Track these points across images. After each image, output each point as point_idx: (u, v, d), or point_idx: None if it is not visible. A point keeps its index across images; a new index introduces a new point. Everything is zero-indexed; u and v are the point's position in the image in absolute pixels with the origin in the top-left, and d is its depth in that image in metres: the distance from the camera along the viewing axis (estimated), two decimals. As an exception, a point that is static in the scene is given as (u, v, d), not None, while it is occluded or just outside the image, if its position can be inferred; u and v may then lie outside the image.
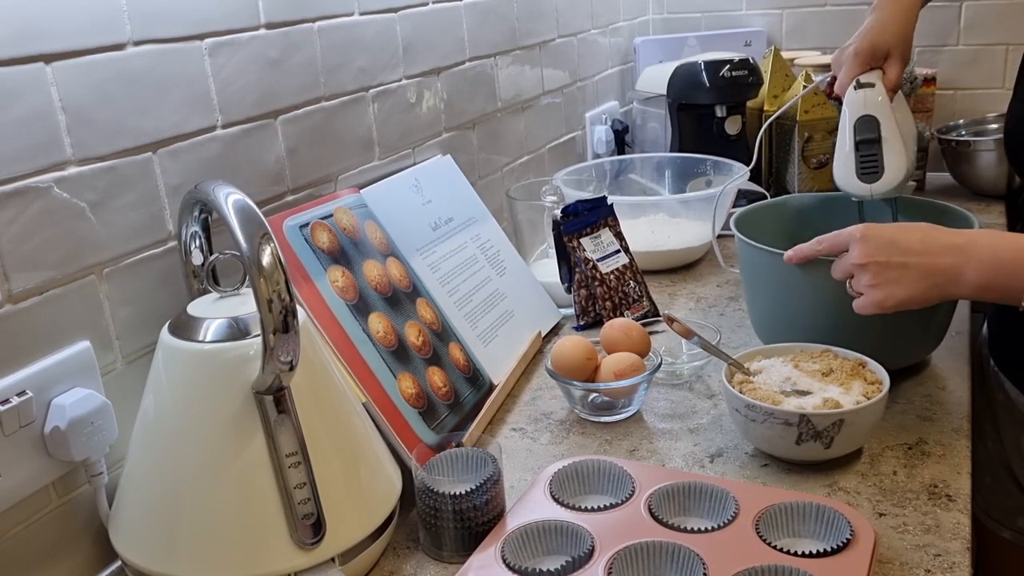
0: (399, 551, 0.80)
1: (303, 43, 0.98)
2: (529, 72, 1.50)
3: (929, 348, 1.03)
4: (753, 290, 1.06)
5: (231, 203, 0.66)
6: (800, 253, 0.93)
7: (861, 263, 0.85)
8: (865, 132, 1.03)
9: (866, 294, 0.86)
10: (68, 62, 0.71)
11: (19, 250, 0.69)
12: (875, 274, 0.84)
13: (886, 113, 1.02)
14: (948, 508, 0.79)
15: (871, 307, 0.86)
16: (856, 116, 1.03)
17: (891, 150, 1.02)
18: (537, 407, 1.03)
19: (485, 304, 1.12)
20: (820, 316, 0.96)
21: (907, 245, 0.84)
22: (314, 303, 0.87)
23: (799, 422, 0.82)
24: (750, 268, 1.05)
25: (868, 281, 0.85)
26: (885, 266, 0.84)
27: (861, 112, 1.03)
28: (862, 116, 1.03)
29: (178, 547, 0.69)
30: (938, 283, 0.83)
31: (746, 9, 1.97)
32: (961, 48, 1.78)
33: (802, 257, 0.93)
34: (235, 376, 0.68)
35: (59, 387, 0.71)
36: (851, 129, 1.04)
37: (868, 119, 1.02)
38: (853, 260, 0.86)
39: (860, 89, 1.03)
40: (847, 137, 1.05)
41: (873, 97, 1.03)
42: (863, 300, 0.86)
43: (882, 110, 1.03)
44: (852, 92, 1.04)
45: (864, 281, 0.86)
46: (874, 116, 1.02)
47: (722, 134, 1.63)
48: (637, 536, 0.73)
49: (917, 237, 0.85)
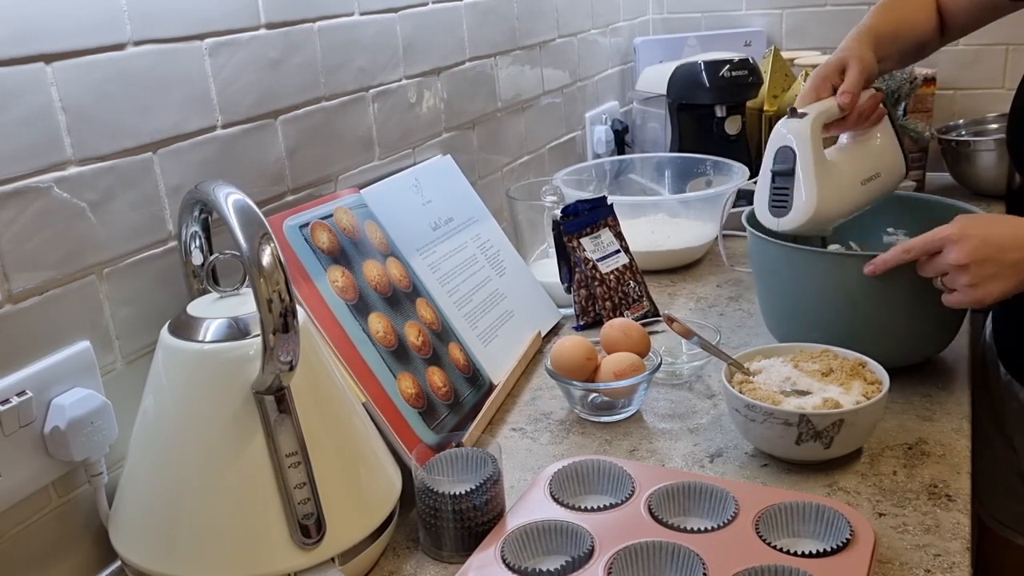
0: (399, 551, 0.80)
1: (303, 43, 0.98)
2: (529, 72, 1.50)
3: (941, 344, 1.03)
4: (765, 286, 1.06)
5: (231, 203, 0.66)
6: (886, 264, 0.90)
7: (961, 264, 0.85)
8: (780, 164, 0.98)
9: (963, 292, 0.86)
10: (68, 62, 0.71)
11: (19, 250, 0.69)
12: (974, 274, 0.85)
13: (806, 147, 0.97)
14: (948, 508, 0.79)
15: (969, 304, 0.87)
16: (776, 146, 0.99)
17: (802, 187, 0.97)
18: (537, 407, 1.03)
19: (485, 304, 1.12)
20: (834, 310, 0.97)
21: (1001, 241, 0.84)
22: (314, 303, 0.87)
23: (799, 422, 0.82)
24: (762, 264, 1.05)
25: (967, 281, 0.85)
26: (983, 264, 0.84)
27: (781, 143, 0.99)
28: (781, 147, 0.98)
29: (178, 547, 0.69)
30: None
31: (746, 9, 1.97)
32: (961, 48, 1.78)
33: (888, 268, 0.90)
34: (235, 376, 0.68)
35: (59, 387, 0.71)
36: (770, 159, 1.00)
37: (786, 150, 0.98)
38: (951, 262, 0.85)
39: (791, 118, 0.98)
40: (767, 166, 1.01)
41: (798, 128, 0.98)
42: (959, 297, 0.87)
43: (802, 143, 0.97)
44: (783, 120, 1.00)
45: (962, 281, 0.86)
46: (792, 148, 0.98)
47: (722, 134, 1.63)
48: (637, 536, 0.73)
49: (1010, 233, 0.85)
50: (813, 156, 0.97)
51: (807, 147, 0.97)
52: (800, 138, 0.98)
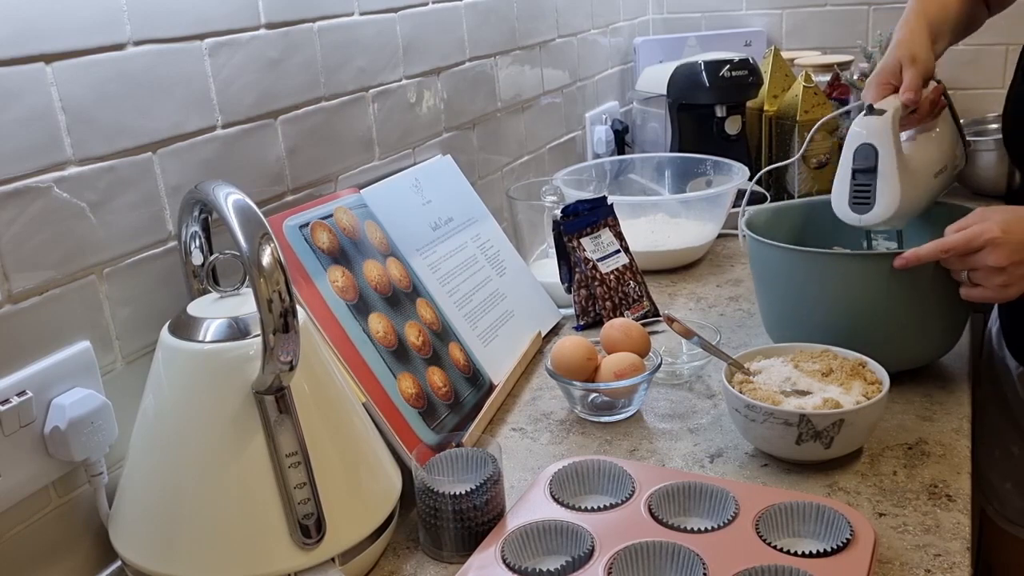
0: (399, 551, 0.80)
1: (303, 43, 0.98)
2: (529, 72, 1.50)
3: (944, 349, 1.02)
4: (765, 291, 1.06)
5: (231, 203, 0.66)
6: (920, 259, 0.89)
7: (1000, 267, 0.84)
8: (862, 161, 0.99)
9: (993, 291, 0.86)
10: (68, 62, 0.71)
11: (19, 250, 0.69)
12: (1010, 275, 0.85)
13: (887, 143, 0.97)
14: (948, 508, 0.79)
15: (994, 301, 0.87)
16: (856, 143, 0.99)
17: (886, 183, 0.98)
18: (537, 407, 1.03)
19: (485, 304, 1.12)
20: (835, 315, 0.97)
21: None
22: (314, 303, 0.87)
23: (799, 422, 0.82)
24: (762, 268, 1.04)
25: (1002, 282, 0.85)
26: (1019, 265, 0.84)
27: (862, 140, 0.99)
28: (862, 144, 0.99)
29: (178, 547, 0.69)
30: None
31: (746, 9, 1.97)
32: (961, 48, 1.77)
33: (920, 263, 0.89)
34: (235, 376, 0.68)
35: (59, 387, 0.71)
36: (851, 156, 1.00)
37: (867, 148, 0.98)
38: (991, 263, 0.85)
39: (868, 115, 0.99)
40: (847, 163, 1.01)
41: (877, 125, 0.98)
42: (986, 294, 0.87)
43: (883, 139, 0.97)
44: (860, 118, 1.00)
45: (997, 281, 0.86)
46: (873, 145, 0.98)
47: (722, 134, 1.63)
48: (637, 536, 0.73)
49: None
50: (895, 153, 0.98)
51: (889, 144, 0.97)
52: (882, 135, 0.98)
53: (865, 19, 1.86)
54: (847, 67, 1.72)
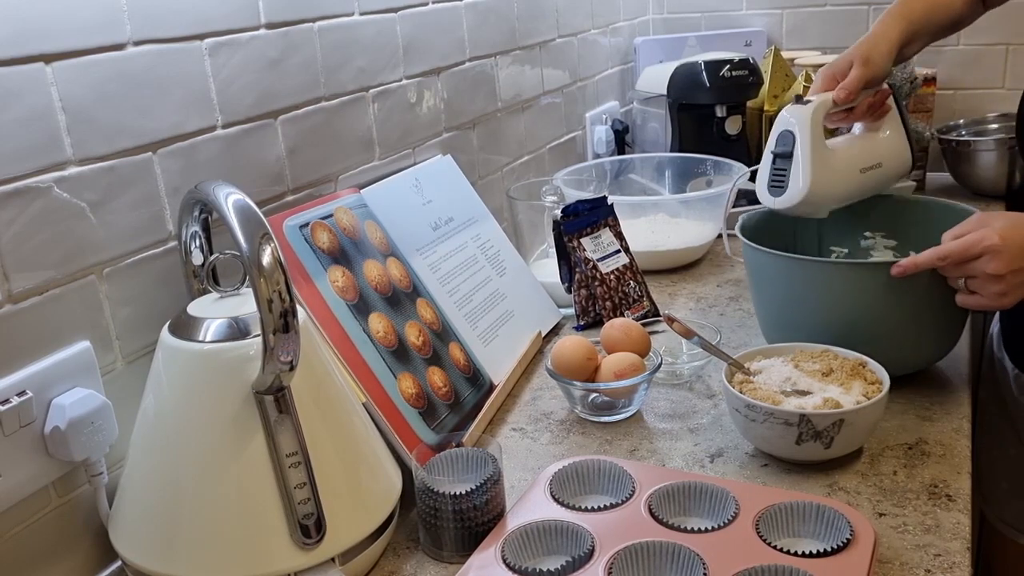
0: (399, 551, 0.80)
1: (303, 43, 0.98)
2: (529, 72, 1.50)
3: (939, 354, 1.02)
4: (760, 295, 1.06)
5: (231, 203, 0.66)
6: (917, 267, 0.88)
7: (998, 275, 0.83)
8: (780, 146, 1.03)
9: (989, 299, 0.85)
10: (68, 62, 0.71)
11: (19, 250, 0.69)
12: (1008, 283, 0.84)
13: (806, 132, 1.01)
14: (948, 508, 0.79)
15: (991, 308, 0.87)
16: (779, 130, 1.03)
17: (799, 169, 1.01)
18: (537, 407, 1.03)
19: (485, 304, 1.12)
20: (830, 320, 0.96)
21: None
22: (314, 303, 0.87)
23: (799, 422, 0.82)
24: (757, 272, 1.04)
25: (1000, 290, 0.84)
26: (1017, 273, 0.83)
27: (783, 127, 1.03)
28: (783, 131, 1.03)
29: (178, 547, 0.69)
30: None
31: (746, 9, 1.97)
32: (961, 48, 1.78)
33: (918, 271, 0.88)
34: (235, 376, 0.68)
35: (59, 387, 0.71)
36: (773, 141, 1.04)
37: (786, 134, 1.02)
38: (989, 271, 0.84)
39: (795, 105, 1.03)
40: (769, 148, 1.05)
41: (800, 114, 1.02)
42: (982, 302, 0.86)
43: (802, 128, 1.01)
44: (789, 106, 1.04)
45: (995, 289, 0.84)
46: (792, 132, 1.02)
47: (722, 134, 1.63)
48: (637, 536, 0.73)
49: None
50: (811, 140, 1.01)
51: (807, 131, 1.01)
52: (802, 124, 1.02)
53: (865, 19, 1.86)
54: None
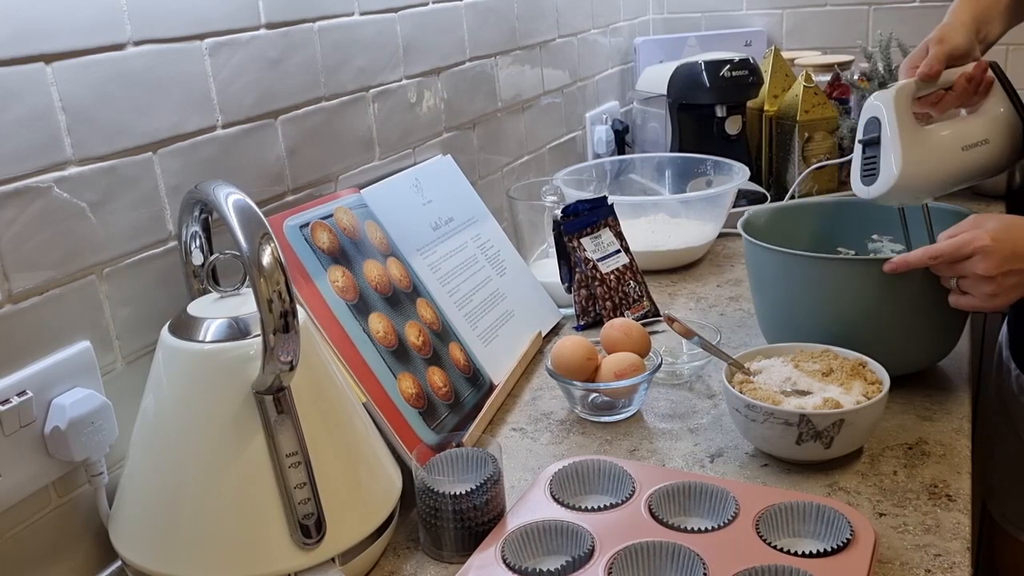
0: (399, 551, 0.80)
1: (303, 43, 0.98)
2: (529, 72, 1.50)
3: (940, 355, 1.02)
4: (761, 293, 1.06)
5: (231, 203, 0.66)
6: (908, 265, 0.88)
7: (989, 276, 0.83)
8: (867, 133, 0.99)
9: (981, 299, 0.85)
10: (68, 62, 0.71)
11: (19, 250, 0.69)
12: (999, 284, 0.83)
13: (891, 114, 0.97)
14: (948, 508, 0.79)
15: (984, 310, 0.86)
16: (865, 117, 1.00)
17: (888, 154, 0.97)
18: (537, 407, 1.03)
19: (485, 304, 1.12)
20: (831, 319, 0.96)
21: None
22: (314, 303, 0.87)
23: (799, 422, 0.82)
24: (758, 270, 1.04)
25: (991, 291, 0.84)
26: (1008, 275, 0.83)
27: (868, 114, 1.00)
28: (869, 118, 0.99)
29: (178, 547, 0.69)
30: None
31: (746, 9, 1.97)
32: (961, 48, 1.77)
33: (909, 269, 0.88)
34: (235, 376, 0.68)
35: (59, 387, 0.71)
36: (860, 130, 1.01)
37: (872, 121, 0.99)
38: (980, 272, 0.83)
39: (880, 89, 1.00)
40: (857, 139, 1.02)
41: (883, 98, 0.99)
42: (974, 303, 0.86)
43: (888, 111, 0.98)
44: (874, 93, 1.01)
45: (986, 290, 0.84)
46: (877, 118, 0.98)
47: (722, 134, 1.63)
48: (637, 536, 0.73)
49: None
50: (898, 122, 0.97)
51: (892, 113, 0.97)
52: (886, 107, 0.98)
53: (865, 19, 1.86)
54: (847, 67, 1.72)
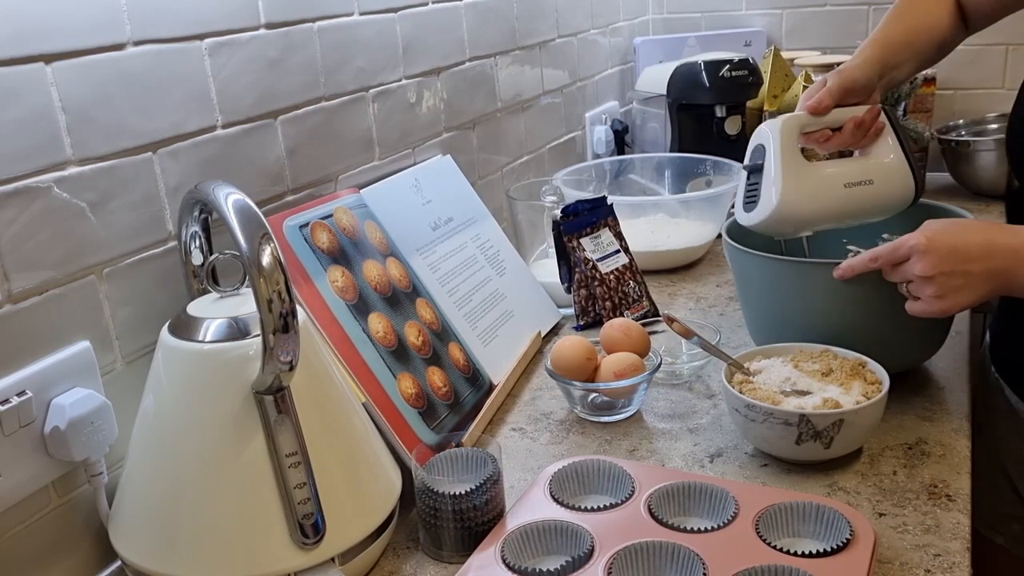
0: (399, 551, 0.80)
1: (303, 43, 0.98)
2: (529, 72, 1.50)
3: (926, 355, 1.02)
4: (747, 296, 1.06)
5: (231, 203, 0.66)
6: (853, 270, 0.89)
7: (927, 276, 0.83)
8: (752, 159, 1.00)
9: (929, 303, 0.85)
10: (68, 62, 0.71)
11: (19, 250, 0.69)
12: (941, 285, 0.83)
13: (776, 144, 0.97)
14: (948, 508, 0.79)
15: (935, 314, 0.85)
16: (752, 144, 1.01)
17: (769, 182, 0.97)
18: (537, 407, 1.03)
19: (485, 304, 1.12)
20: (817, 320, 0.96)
21: (968, 252, 0.83)
22: (314, 303, 0.87)
23: (799, 422, 0.82)
24: (739, 273, 1.04)
25: (933, 292, 0.84)
26: (950, 275, 0.83)
27: (755, 141, 1.00)
28: (755, 144, 1.00)
29: (178, 547, 0.69)
30: (997, 286, 0.83)
31: (746, 9, 1.97)
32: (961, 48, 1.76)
33: (854, 273, 0.89)
34: (235, 376, 0.68)
35: (59, 387, 0.71)
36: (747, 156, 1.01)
37: (758, 148, 0.99)
38: (917, 273, 0.84)
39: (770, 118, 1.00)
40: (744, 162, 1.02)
41: (771, 124, 0.99)
42: (924, 307, 0.86)
43: (773, 140, 0.98)
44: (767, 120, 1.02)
45: (929, 292, 0.84)
46: (762, 146, 0.99)
47: (722, 134, 1.63)
48: (637, 536, 0.73)
49: (977, 241, 0.83)
50: (782, 153, 0.97)
51: (776, 142, 0.97)
52: (771, 136, 0.98)
53: (865, 19, 1.86)
54: (847, 67, 1.72)
